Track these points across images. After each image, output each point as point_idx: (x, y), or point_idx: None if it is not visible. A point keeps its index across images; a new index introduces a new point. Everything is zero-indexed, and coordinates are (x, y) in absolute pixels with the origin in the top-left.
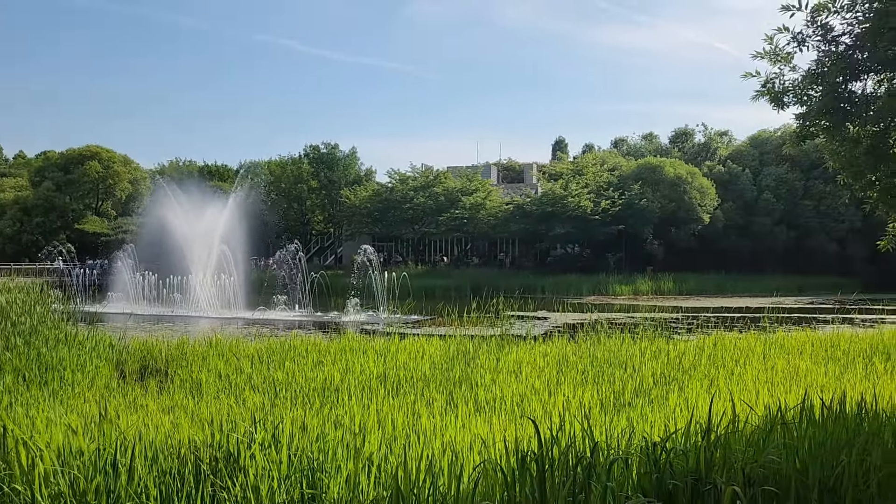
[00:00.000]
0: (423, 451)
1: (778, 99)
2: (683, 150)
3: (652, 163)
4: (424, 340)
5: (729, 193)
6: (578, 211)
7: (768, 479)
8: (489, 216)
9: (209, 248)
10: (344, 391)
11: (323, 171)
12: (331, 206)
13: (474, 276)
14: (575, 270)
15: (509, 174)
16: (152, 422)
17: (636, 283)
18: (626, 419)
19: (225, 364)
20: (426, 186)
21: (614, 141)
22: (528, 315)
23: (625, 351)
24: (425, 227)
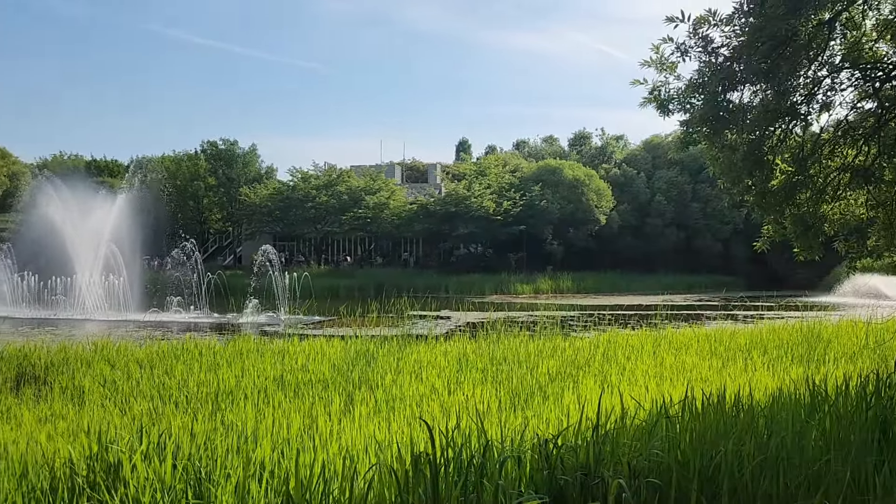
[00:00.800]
0: (317, 455)
1: (663, 106)
2: (582, 153)
3: (552, 165)
4: (325, 342)
5: (624, 195)
6: (481, 211)
7: (652, 471)
8: (393, 216)
9: (96, 247)
10: (239, 395)
11: (221, 167)
12: (229, 205)
13: (378, 275)
14: (478, 270)
15: (413, 174)
16: (24, 433)
17: (537, 282)
18: (522, 417)
19: (111, 370)
20: (329, 185)
21: (516, 143)
22: (431, 315)
23: (524, 349)
24: (328, 227)
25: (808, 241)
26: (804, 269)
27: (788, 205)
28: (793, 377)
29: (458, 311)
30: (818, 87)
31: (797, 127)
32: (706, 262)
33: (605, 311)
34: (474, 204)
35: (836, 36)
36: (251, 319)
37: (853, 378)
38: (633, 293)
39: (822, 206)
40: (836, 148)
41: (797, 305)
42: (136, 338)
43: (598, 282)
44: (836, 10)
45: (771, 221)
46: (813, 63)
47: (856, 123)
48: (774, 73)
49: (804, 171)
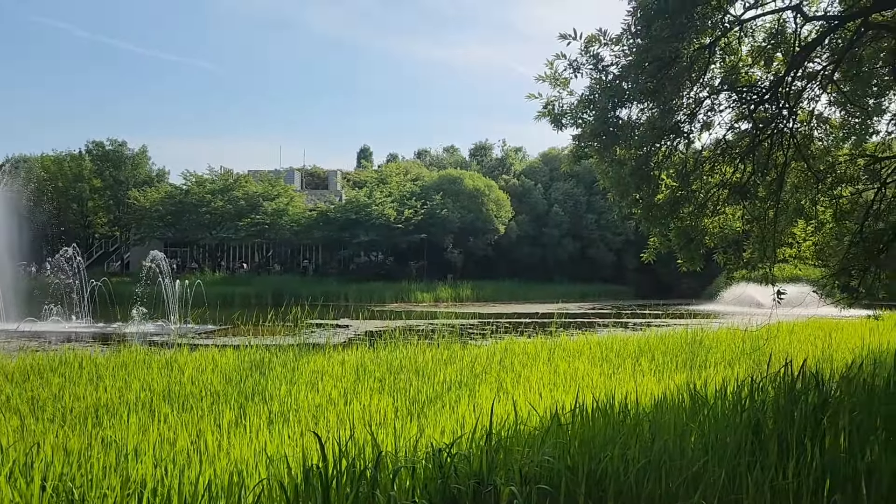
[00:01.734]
0: (204, 470)
1: (557, 120)
2: (482, 163)
3: (453, 174)
4: (217, 352)
5: (523, 206)
6: (382, 219)
7: (543, 477)
8: (292, 222)
9: None
10: (122, 409)
11: (108, 169)
12: (117, 208)
13: (276, 283)
14: (378, 278)
15: (313, 180)
16: None
17: (437, 291)
18: (418, 426)
19: None
20: (226, 190)
21: (418, 152)
22: (330, 323)
23: (422, 357)
24: (224, 233)
25: (690, 253)
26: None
27: (673, 218)
28: (677, 382)
29: (357, 320)
30: (700, 107)
31: (681, 144)
32: (599, 272)
33: (503, 320)
34: (375, 212)
35: (715, 60)
36: (139, 329)
37: (731, 382)
38: (530, 301)
39: (703, 219)
40: (715, 165)
41: (682, 313)
42: (7, 349)
43: (496, 290)
44: (716, 35)
45: (657, 234)
46: (695, 84)
47: (733, 143)
48: (660, 93)
49: (687, 187)
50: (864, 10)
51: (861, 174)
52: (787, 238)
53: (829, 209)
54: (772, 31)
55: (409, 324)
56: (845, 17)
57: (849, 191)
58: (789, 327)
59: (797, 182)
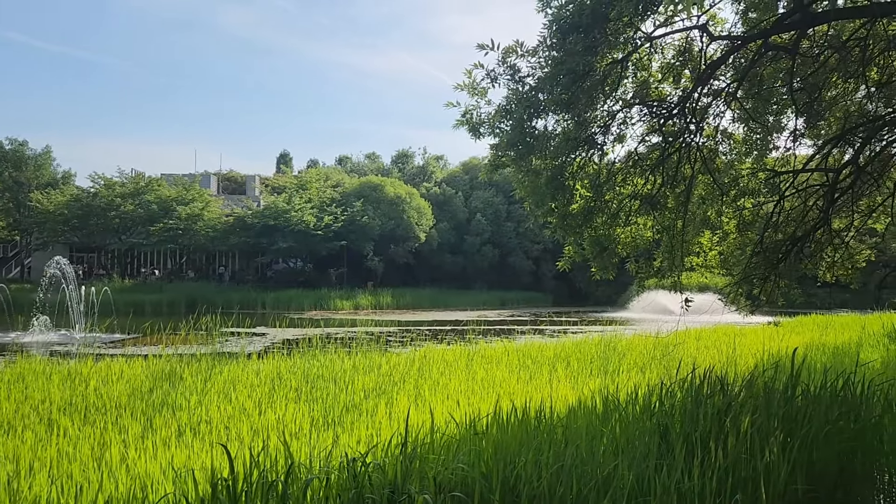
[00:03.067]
0: (104, 486)
1: (475, 129)
2: (404, 171)
3: (374, 181)
4: (124, 361)
5: (444, 214)
6: (301, 225)
7: (458, 485)
8: (207, 228)
9: None
10: (17, 423)
11: (7, 170)
12: (17, 211)
13: (190, 290)
14: (297, 285)
15: (231, 185)
16: None
17: (357, 298)
18: (334, 435)
19: None
20: (136, 193)
21: (339, 158)
22: (246, 331)
23: (339, 366)
24: (134, 238)
25: (603, 262)
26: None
27: (587, 227)
28: (591, 388)
29: (274, 328)
30: (613, 120)
31: (595, 155)
32: (519, 279)
33: (423, 327)
34: (294, 218)
35: (627, 74)
36: (40, 338)
37: (642, 387)
38: (450, 308)
39: (616, 229)
40: (627, 177)
41: (597, 320)
42: None
43: (417, 297)
44: (627, 50)
45: (572, 243)
46: (608, 98)
47: (644, 155)
48: (574, 105)
49: (600, 197)
50: (765, 32)
51: (762, 187)
52: (694, 248)
53: (732, 220)
54: (680, 49)
55: (328, 332)
56: (747, 38)
57: (750, 203)
58: (697, 333)
59: (704, 194)
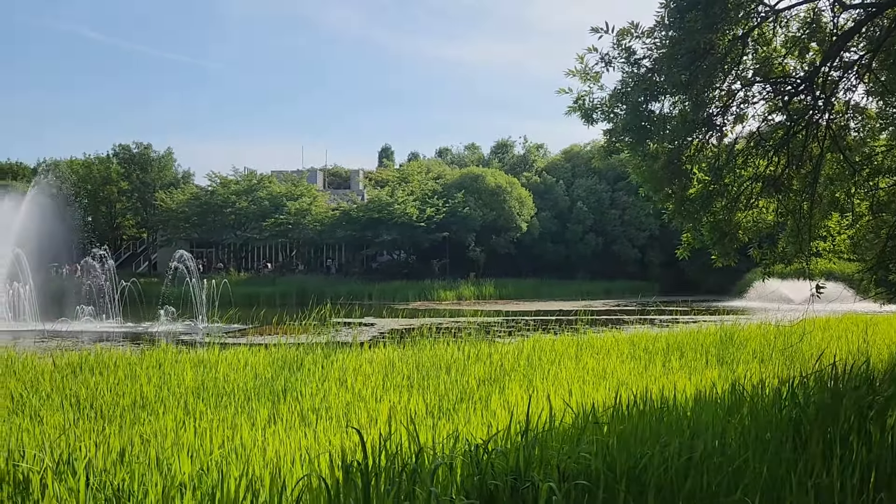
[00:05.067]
0: (243, 467)
1: (588, 115)
2: (504, 160)
3: (474, 172)
4: (247, 350)
5: (545, 203)
6: (404, 218)
7: (581, 474)
8: (315, 222)
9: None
10: (157, 406)
11: (135, 172)
12: (144, 210)
13: (300, 283)
14: (401, 276)
15: (336, 180)
16: None
17: (459, 289)
18: (451, 423)
19: (17, 381)
20: (250, 191)
21: (439, 150)
22: (355, 322)
23: (449, 355)
24: (248, 233)
25: (724, 248)
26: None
27: (705, 213)
28: (710, 379)
29: (381, 318)
30: (733, 99)
31: (713, 137)
32: (623, 268)
33: (527, 317)
34: (397, 210)
35: (749, 51)
36: (167, 328)
37: (768, 379)
38: (553, 299)
39: (737, 213)
40: (748, 158)
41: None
42: (43, 348)
43: (519, 288)
44: (749, 25)
45: (690, 229)
46: (728, 76)
47: (766, 135)
48: (692, 85)
49: (719, 181)
50: None
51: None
52: (821, 231)
53: (865, 201)
54: (807, 21)
55: (435, 321)
56: (883, 5)
57: (886, 182)
58: (823, 323)
59: (832, 174)
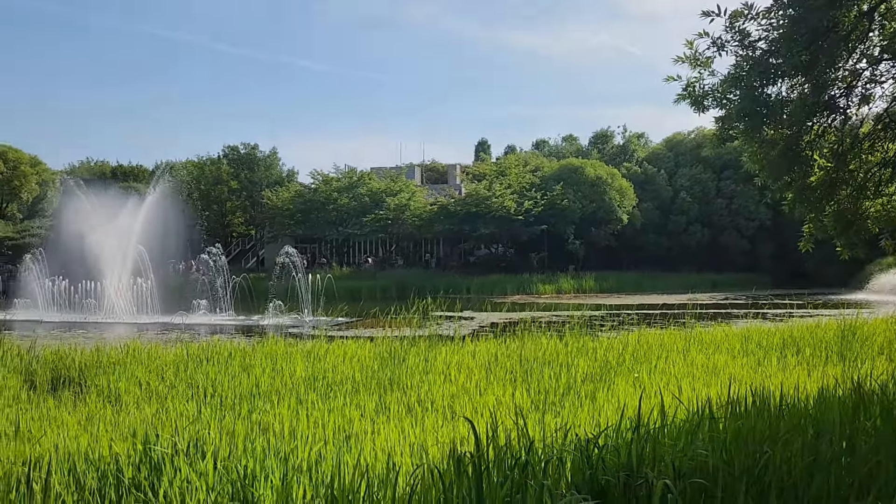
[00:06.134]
0: (357, 456)
1: (698, 102)
2: (603, 151)
3: (573, 164)
4: (352, 342)
5: (646, 193)
6: (502, 211)
7: (697, 472)
8: (414, 217)
9: (124, 251)
10: (272, 396)
11: (243, 171)
12: (252, 208)
13: (400, 277)
14: (499, 270)
15: (433, 175)
16: (68, 434)
17: (559, 282)
18: (558, 417)
19: (145, 371)
20: (350, 187)
21: (536, 142)
22: (455, 315)
23: (551, 349)
24: (349, 229)
25: (849, 239)
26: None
27: (828, 201)
28: (832, 376)
29: (481, 312)
30: (857, 79)
31: (836, 121)
32: (731, 260)
33: (629, 311)
34: (495, 204)
35: (875, 27)
36: (276, 321)
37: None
38: (657, 292)
39: (864, 202)
40: (876, 142)
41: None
42: (164, 340)
43: (621, 281)
44: (875, 0)
45: (811, 219)
46: (852, 55)
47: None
48: (813, 66)
49: (844, 167)
50: None
51: None
52: None
53: None
54: None
55: (535, 315)
56: None
57: None
58: None
59: None
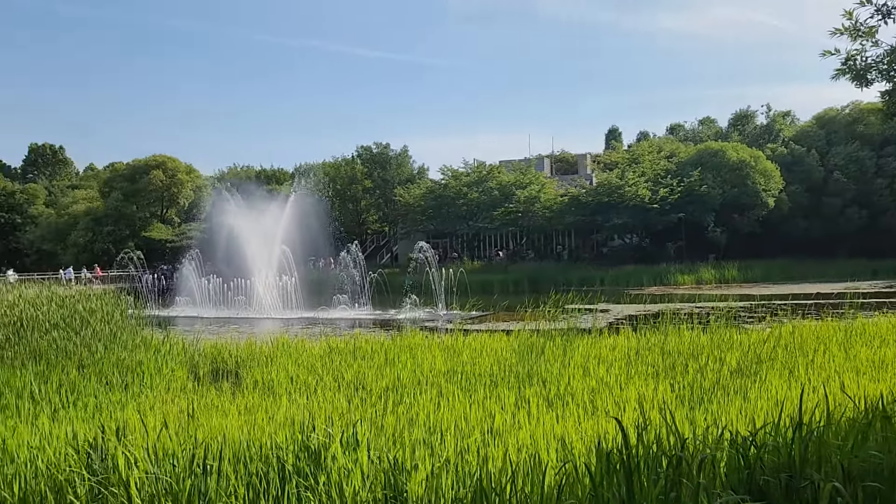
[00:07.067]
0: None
1: (861, 76)
2: (744, 132)
3: (712, 147)
4: (487, 336)
5: (793, 176)
6: (636, 200)
7: (870, 474)
8: (544, 209)
9: (270, 250)
10: (414, 389)
11: (376, 170)
12: (385, 206)
13: (531, 270)
14: (633, 261)
15: (563, 166)
16: (232, 423)
17: (699, 272)
18: (706, 413)
19: (294, 364)
20: (479, 182)
21: (670, 127)
22: (589, 308)
23: (694, 342)
24: (480, 223)
25: None
26: None
27: None
28: None
29: (616, 304)
30: None
31: None
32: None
33: (778, 301)
34: (628, 193)
35: None
36: (411, 315)
37: None
38: (808, 281)
39: None
40: None
41: None
42: (309, 334)
43: (767, 270)
44: None
45: None
46: None
47: None
48: None
49: None
50: None
51: None
52: None
53: None
54: None
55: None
56: None
57: None
58: None
59: None
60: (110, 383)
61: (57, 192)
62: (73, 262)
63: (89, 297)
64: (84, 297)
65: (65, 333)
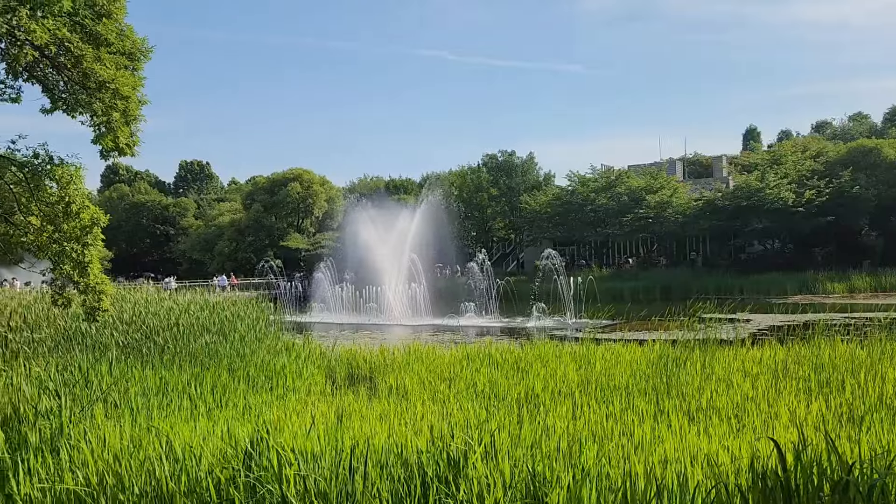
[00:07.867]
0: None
1: None
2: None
3: (865, 145)
4: (621, 346)
5: None
6: (778, 203)
7: None
8: (677, 214)
9: (399, 258)
10: (547, 399)
11: (501, 178)
12: (511, 213)
13: (663, 277)
14: (775, 267)
15: (696, 169)
16: (373, 427)
17: (851, 280)
18: (870, 434)
19: (427, 371)
20: (608, 187)
21: (816, 125)
22: (727, 317)
23: (851, 355)
24: (608, 229)
25: None
26: None
27: None
28: None
29: (758, 314)
30: None
31: None
32: None
33: None
34: (769, 196)
35: None
36: (539, 324)
37: None
38: None
39: None
40: None
41: None
42: (438, 341)
43: None
44: None
45: None
46: None
47: None
48: None
49: None
50: None
51: None
52: None
53: None
54: None
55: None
56: None
57: None
58: None
59: None
60: (255, 385)
61: (205, 205)
62: (218, 271)
63: (235, 303)
64: (231, 304)
65: (215, 337)
